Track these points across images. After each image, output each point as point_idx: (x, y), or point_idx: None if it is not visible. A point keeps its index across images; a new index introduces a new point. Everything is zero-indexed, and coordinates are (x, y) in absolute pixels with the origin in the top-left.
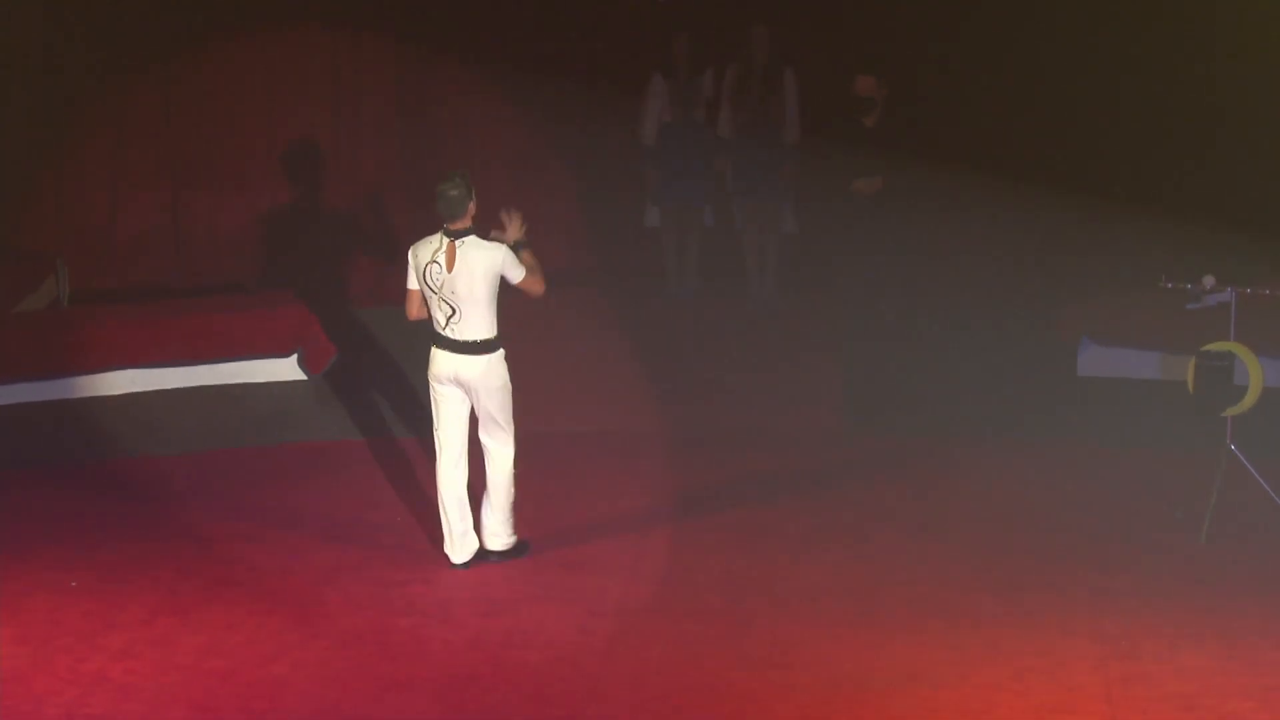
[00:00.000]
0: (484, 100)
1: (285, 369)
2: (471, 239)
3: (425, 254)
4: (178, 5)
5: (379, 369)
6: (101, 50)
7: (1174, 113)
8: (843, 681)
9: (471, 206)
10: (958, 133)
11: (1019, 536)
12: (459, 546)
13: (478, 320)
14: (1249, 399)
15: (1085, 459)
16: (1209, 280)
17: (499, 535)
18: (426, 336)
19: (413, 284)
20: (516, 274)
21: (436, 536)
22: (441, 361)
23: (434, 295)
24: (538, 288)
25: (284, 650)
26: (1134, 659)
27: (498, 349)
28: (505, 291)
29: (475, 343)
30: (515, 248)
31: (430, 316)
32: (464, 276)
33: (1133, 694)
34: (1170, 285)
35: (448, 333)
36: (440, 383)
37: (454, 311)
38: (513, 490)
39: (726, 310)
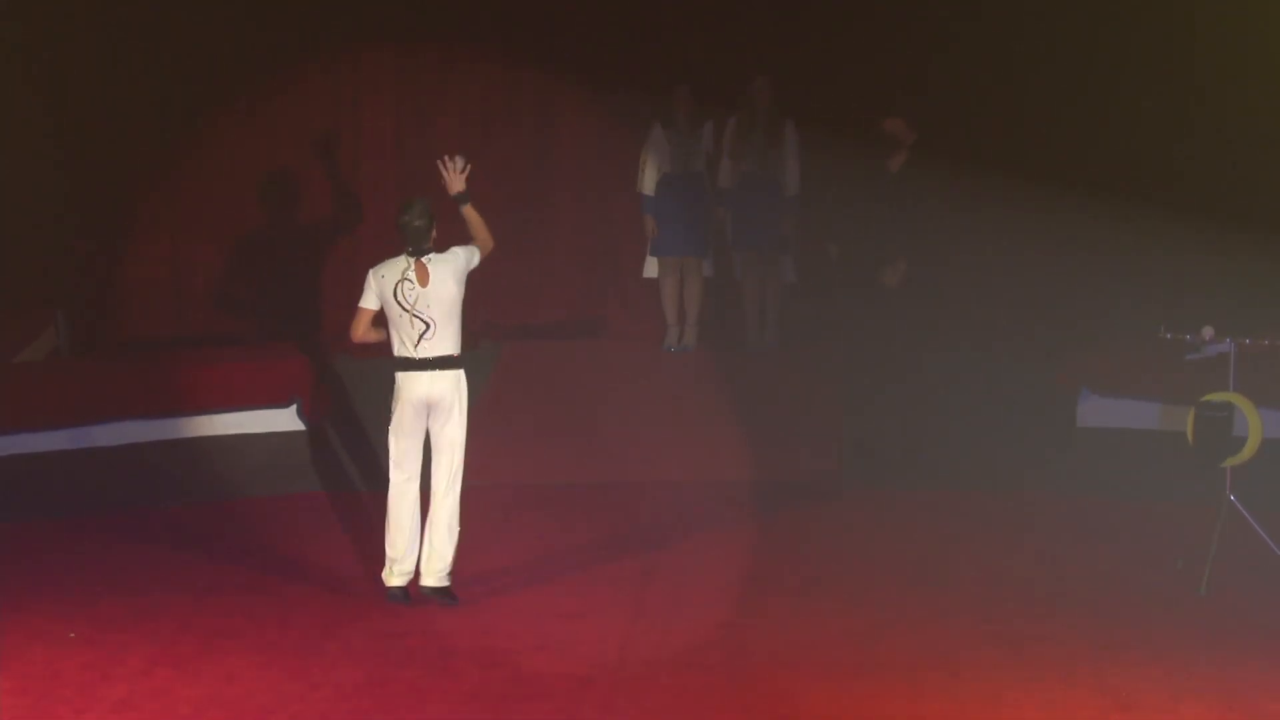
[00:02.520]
0: (483, 153)
1: (284, 419)
2: (434, 254)
3: (394, 274)
4: (172, 60)
5: (378, 419)
6: (99, 105)
7: (1178, 156)
8: None
9: (434, 233)
10: (957, 181)
11: (1019, 588)
12: (398, 572)
13: (450, 334)
14: (1248, 449)
15: (1085, 510)
16: (1208, 331)
17: (445, 572)
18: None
19: (369, 303)
20: (475, 257)
21: None
22: (414, 384)
23: (405, 314)
24: (488, 243)
25: (283, 702)
26: (1135, 711)
27: (463, 365)
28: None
29: (447, 358)
30: (459, 199)
31: (393, 340)
32: (437, 288)
33: None
34: (1170, 336)
35: (419, 352)
36: (411, 405)
37: (427, 327)
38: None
39: (726, 361)
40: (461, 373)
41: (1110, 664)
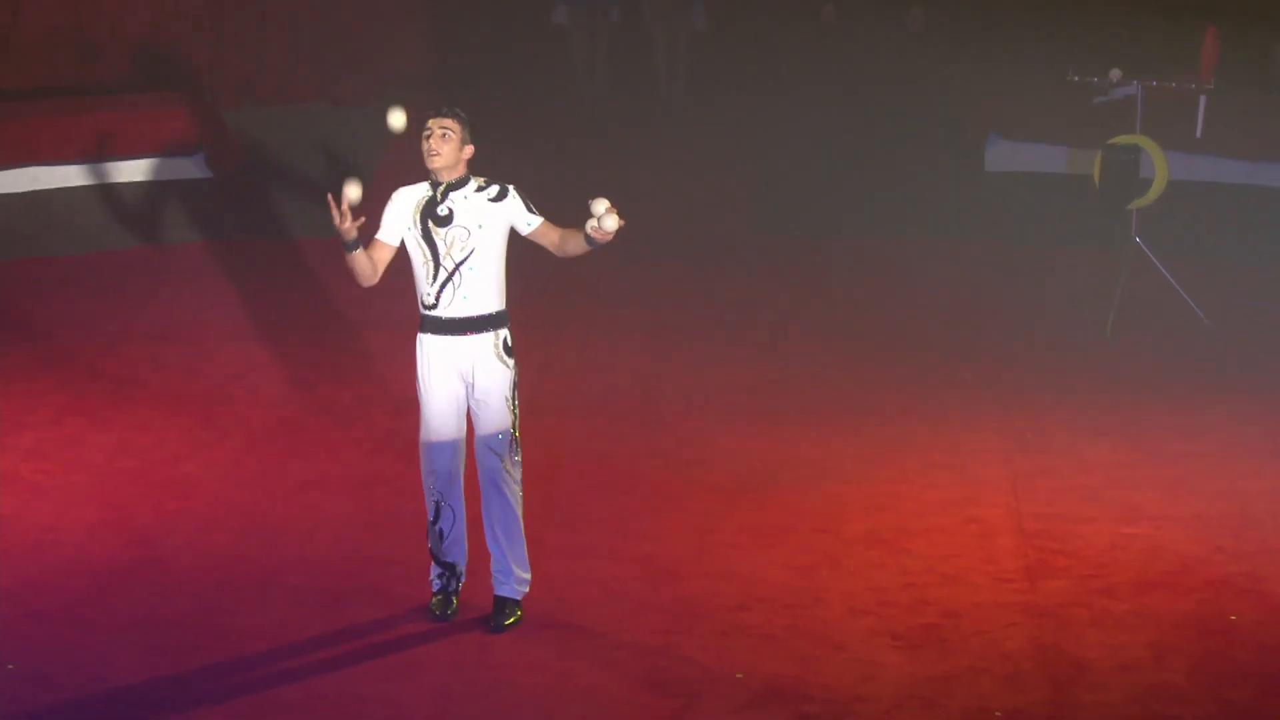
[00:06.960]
0: None
1: (190, 168)
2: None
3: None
4: None
5: (286, 168)
6: None
7: None
8: (752, 477)
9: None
10: None
11: (927, 335)
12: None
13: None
14: (1154, 191)
15: (992, 255)
16: (1116, 74)
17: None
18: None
19: None
20: None
21: (347, 335)
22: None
23: None
24: None
25: (194, 450)
26: (1039, 453)
27: None
28: None
29: None
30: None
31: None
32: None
33: (1037, 487)
34: (1078, 79)
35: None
36: None
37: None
38: None
39: (635, 112)
40: None
41: (1016, 408)
